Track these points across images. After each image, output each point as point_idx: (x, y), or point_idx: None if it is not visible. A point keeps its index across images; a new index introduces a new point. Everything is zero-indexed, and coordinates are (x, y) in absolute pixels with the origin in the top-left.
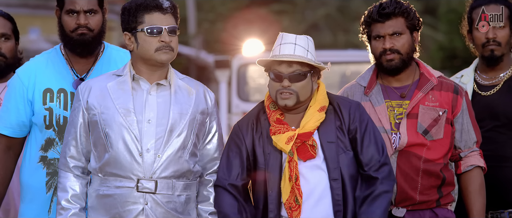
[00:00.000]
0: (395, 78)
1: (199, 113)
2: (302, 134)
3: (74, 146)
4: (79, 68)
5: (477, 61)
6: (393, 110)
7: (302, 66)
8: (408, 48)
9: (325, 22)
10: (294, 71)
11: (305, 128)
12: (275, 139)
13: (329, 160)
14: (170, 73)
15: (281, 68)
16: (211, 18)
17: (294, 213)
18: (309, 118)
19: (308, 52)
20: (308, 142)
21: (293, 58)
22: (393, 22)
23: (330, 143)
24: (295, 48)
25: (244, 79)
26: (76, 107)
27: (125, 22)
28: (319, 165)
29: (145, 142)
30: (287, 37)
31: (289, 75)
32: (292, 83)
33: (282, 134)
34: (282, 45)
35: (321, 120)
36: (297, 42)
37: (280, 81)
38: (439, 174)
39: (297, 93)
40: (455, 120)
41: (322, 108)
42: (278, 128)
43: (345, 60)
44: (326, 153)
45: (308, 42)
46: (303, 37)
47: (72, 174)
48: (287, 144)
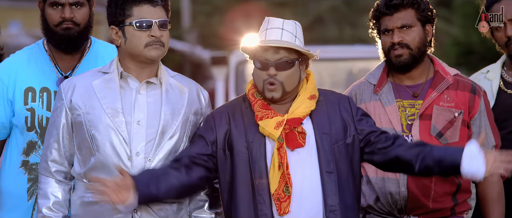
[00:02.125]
0: (407, 76)
1: (192, 113)
2: (291, 119)
3: (56, 149)
4: (63, 65)
5: (504, 57)
6: (404, 111)
7: (289, 53)
8: (419, 43)
9: (330, 16)
10: (281, 58)
11: (294, 113)
12: (263, 125)
13: (322, 152)
14: (161, 71)
15: (267, 55)
16: (207, 11)
17: (282, 205)
18: (299, 105)
19: (296, 38)
20: (297, 129)
21: (280, 44)
22: (402, 14)
23: (324, 134)
24: (283, 33)
25: (242, 77)
26: (59, 107)
27: (111, 15)
28: (308, 156)
29: (134, 145)
30: (273, 22)
31: (275, 63)
32: (279, 71)
33: (270, 119)
34: (268, 30)
35: (311, 107)
36: (284, 27)
37: (266, 70)
38: (453, 180)
39: (282, 83)
40: (472, 122)
41: (312, 96)
42: (265, 113)
43: (352, 56)
44: (319, 145)
45: (296, 28)
46: (290, 21)
47: (53, 179)
48: (276, 129)
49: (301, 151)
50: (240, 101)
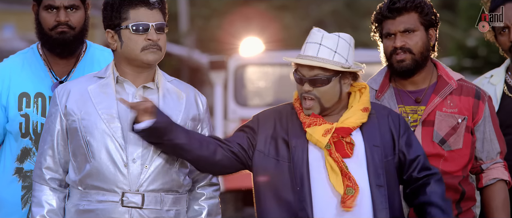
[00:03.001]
0: (410, 81)
1: (190, 119)
2: (341, 128)
3: (50, 156)
4: (58, 70)
5: (508, 61)
6: (407, 116)
7: (325, 70)
8: (421, 47)
9: (331, 19)
10: (316, 75)
11: (345, 123)
12: (310, 131)
13: (372, 165)
14: (158, 75)
15: (303, 71)
16: (205, 14)
17: (348, 202)
18: (351, 115)
19: (335, 53)
20: (346, 139)
21: (312, 62)
22: (404, 18)
23: (375, 147)
24: (320, 49)
25: (241, 82)
26: (53, 113)
27: (107, 18)
28: (357, 168)
29: (130, 151)
30: (313, 36)
31: (309, 79)
32: (313, 87)
33: (318, 126)
34: (307, 44)
35: (363, 119)
36: (322, 42)
37: (302, 84)
38: (457, 187)
39: (319, 99)
40: (476, 128)
41: (365, 109)
42: (313, 121)
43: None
44: (369, 158)
45: (338, 42)
46: (332, 35)
47: (48, 187)
48: (324, 137)
49: (348, 162)
50: (287, 107)
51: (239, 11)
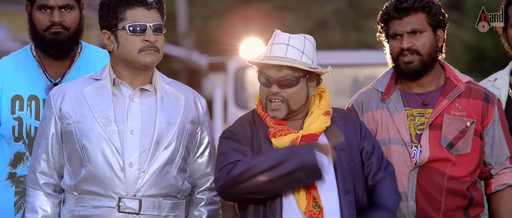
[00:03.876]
0: (417, 83)
1: (189, 122)
2: (307, 135)
3: (44, 160)
4: (53, 71)
5: None
6: (413, 120)
7: (293, 71)
8: (429, 48)
9: (334, 19)
10: (285, 76)
11: (310, 129)
12: (276, 142)
13: (340, 170)
14: (156, 77)
15: (270, 72)
16: (204, 14)
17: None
18: (314, 120)
19: (303, 54)
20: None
21: (281, 62)
22: (412, 18)
23: (342, 151)
24: (287, 49)
25: (242, 84)
26: (48, 115)
27: (104, 18)
28: (327, 174)
29: (127, 155)
30: (279, 37)
31: (278, 80)
32: (282, 88)
33: (284, 137)
34: (273, 45)
35: (327, 123)
36: (290, 43)
37: (269, 86)
38: (465, 193)
39: (287, 101)
40: (485, 132)
41: (326, 113)
42: (278, 129)
43: (358, 63)
44: (337, 162)
45: (305, 43)
46: (298, 36)
47: (42, 192)
48: None
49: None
50: (250, 115)
51: (240, 11)
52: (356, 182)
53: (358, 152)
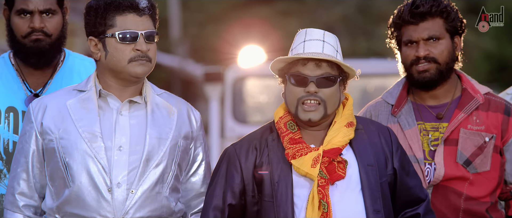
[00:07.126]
0: (430, 94)
1: (181, 137)
2: (329, 150)
3: (24, 180)
4: (33, 81)
5: None
6: (427, 134)
7: (332, 69)
8: (447, 57)
9: (342, 25)
10: (323, 74)
11: (331, 143)
12: (297, 164)
13: (368, 187)
14: (146, 88)
15: (306, 70)
16: (199, 20)
17: None
18: (336, 133)
19: (337, 52)
20: (336, 159)
21: (326, 57)
22: (429, 24)
23: (370, 167)
24: (324, 45)
25: (240, 96)
26: (28, 131)
27: (90, 24)
28: (351, 192)
29: (115, 174)
30: (312, 33)
31: (316, 79)
32: (320, 88)
33: (304, 157)
34: (306, 42)
35: (350, 136)
36: (325, 39)
37: (305, 86)
38: (484, 215)
39: (325, 102)
40: (506, 148)
41: (349, 124)
42: (296, 149)
43: (367, 72)
44: (364, 179)
45: (337, 41)
46: (331, 34)
47: (21, 215)
48: (314, 167)
49: (341, 185)
50: (266, 131)
51: (238, 17)
52: (385, 202)
53: (385, 168)
